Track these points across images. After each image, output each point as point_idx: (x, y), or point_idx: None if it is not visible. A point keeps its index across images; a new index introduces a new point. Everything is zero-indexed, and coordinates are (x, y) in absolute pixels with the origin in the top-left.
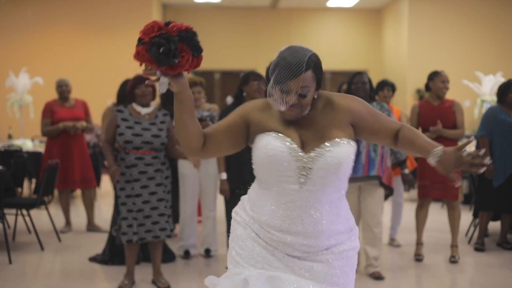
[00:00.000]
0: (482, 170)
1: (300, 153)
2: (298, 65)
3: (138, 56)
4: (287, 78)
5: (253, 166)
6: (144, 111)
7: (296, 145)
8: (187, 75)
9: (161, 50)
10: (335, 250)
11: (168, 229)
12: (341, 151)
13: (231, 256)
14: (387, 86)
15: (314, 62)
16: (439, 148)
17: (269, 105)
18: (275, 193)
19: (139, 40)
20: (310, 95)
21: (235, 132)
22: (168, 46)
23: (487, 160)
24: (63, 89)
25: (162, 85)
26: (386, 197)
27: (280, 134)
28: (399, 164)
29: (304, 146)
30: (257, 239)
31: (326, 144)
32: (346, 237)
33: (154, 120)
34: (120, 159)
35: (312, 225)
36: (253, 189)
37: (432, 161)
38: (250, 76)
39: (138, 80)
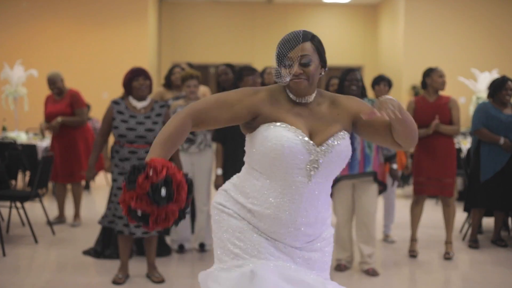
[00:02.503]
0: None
1: (312, 146)
2: (294, 37)
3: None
4: (287, 50)
5: (253, 157)
6: (140, 105)
7: (307, 137)
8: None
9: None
10: (324, 235)
11: None
12: (346, 144)
13: (225, 249)
14: (383, 81)
15: (312, 36)
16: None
17: (275, 97)
18: (281, 185)
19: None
20: (313, 66)
21: (237, 120)
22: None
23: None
24: (51, 87)
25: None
26: (380, 192)
27: (290, 126)
28: (388, 159)
29: (312, 138)
30: (257, 231)
31: (333, 137)
32: (329, 222)
33: (150, 114)
34: (115, 151)
35: (315, 214)
36: (246, 180)
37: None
38: (243, 71)
39: (136, 72)
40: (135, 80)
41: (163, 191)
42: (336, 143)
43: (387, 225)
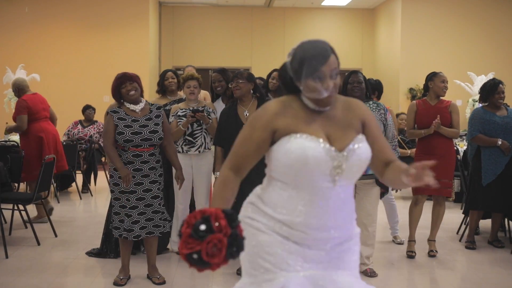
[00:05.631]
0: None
1: (334, 152)
2: (324, 51)
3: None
4: (319, 65)
5: (277, 169)
6: (137, 108)
7: (328, 145)
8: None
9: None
10: (352, 235)
11: (162, 225)
12: (365, 146)
13: (256, 263)
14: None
15: (332, 47)
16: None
17: (287, 107)
18: (308, 193)
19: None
20: (338, 77)
21: (263, 148)
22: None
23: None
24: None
25: None
26: (382, 195)
27: (310, 135)
28: None
29: (332, 143)
30: (286, 243)
31: (353, 141)
32: (355, 222)
33: (150, 115)
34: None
35: (343, 217)
36: (272, 191)
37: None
38: (232, 78)
39: (121, 79)
40: (122, 88)
41: (202, 226)
42: (356, 146)
43: (393, 226)
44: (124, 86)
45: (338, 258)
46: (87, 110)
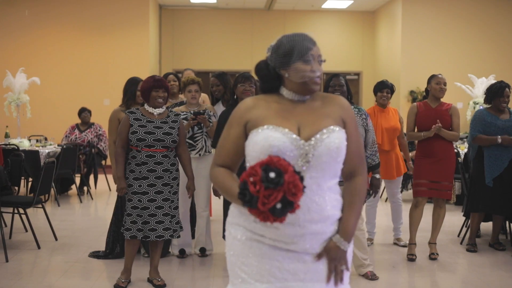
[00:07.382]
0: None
1: (300, 142)
2: (310, 37)
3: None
4: (311, 45)
5: (248, 163)
6: (156, 111)
7: (294, 135)
8: (189, 74)
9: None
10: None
11: (171, 228)
12: (338, 136)
13: (234, 272)
14: (386, 88)
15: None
16: (337, 236)
17: (261, 101)
18: None
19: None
20: (322, 67)
21: (240, 144)
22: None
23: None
24: None
25: None
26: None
27: (275, 126)
28: (371, 168)
29: (301, 132)
30: (261, 249)
31: (323, 131)
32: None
33: (166, 119)
34: (131, 157)
35: (318, 211)
36: None
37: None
38: (238, 79)
39: (159, 83)
40: (154, 91)
41: (272, 174)
42: (324, 136)
43: (397, 228)
44: (158, 91)
45: (316, 270)
46: (83, 113)
